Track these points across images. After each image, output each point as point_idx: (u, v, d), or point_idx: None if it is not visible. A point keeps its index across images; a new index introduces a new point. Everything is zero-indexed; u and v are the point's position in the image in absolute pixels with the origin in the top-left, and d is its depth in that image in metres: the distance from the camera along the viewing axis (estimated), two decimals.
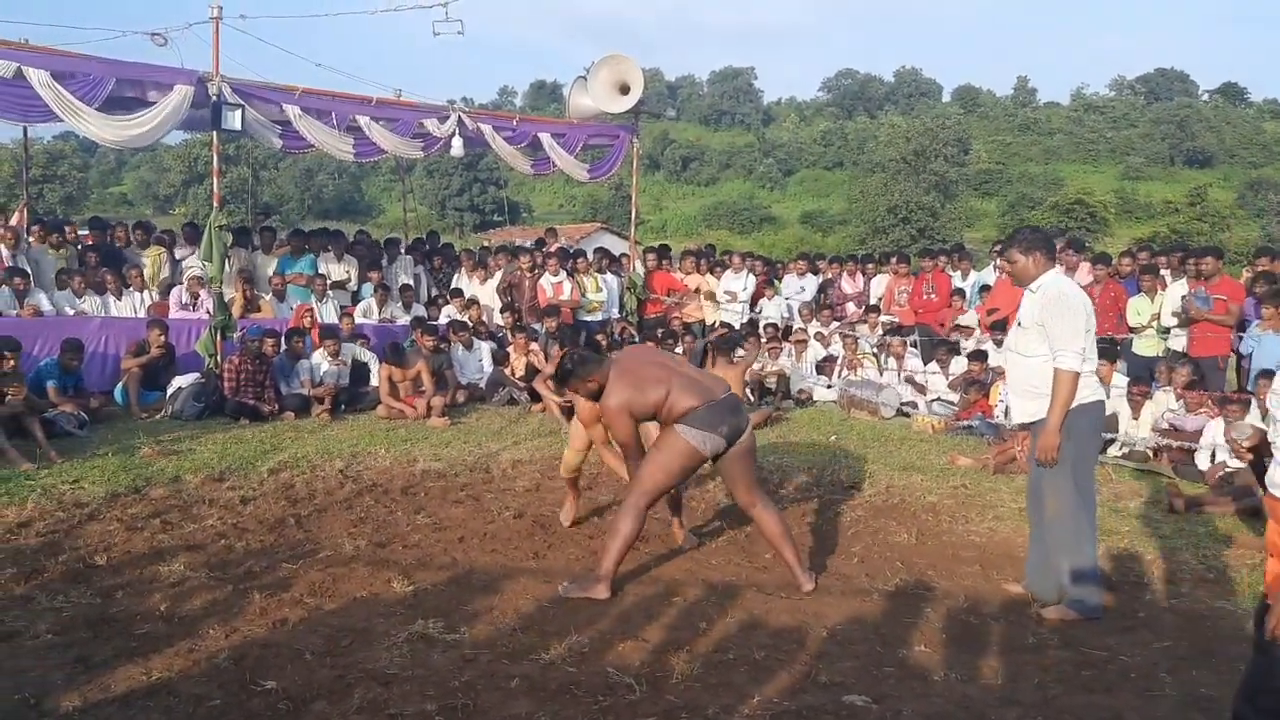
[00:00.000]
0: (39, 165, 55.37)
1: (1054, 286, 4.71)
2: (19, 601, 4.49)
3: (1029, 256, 4.80)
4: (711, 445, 4.83)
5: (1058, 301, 4.62)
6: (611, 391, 4.88)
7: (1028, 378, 4.77)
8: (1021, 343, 4.82)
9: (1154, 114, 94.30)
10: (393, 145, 11.32)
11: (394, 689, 3.71)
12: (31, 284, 10.31)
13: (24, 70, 8.78)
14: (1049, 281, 4.75)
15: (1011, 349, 4.96)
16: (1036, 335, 4.69)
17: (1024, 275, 4.85)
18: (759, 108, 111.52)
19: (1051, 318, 4.60)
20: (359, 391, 10.37)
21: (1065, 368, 4.55)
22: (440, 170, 67.69)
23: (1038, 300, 4.73)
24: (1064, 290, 4.69)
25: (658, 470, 4.85)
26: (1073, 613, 4.61)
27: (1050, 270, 4.80)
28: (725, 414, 4.89)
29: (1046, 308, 4.64)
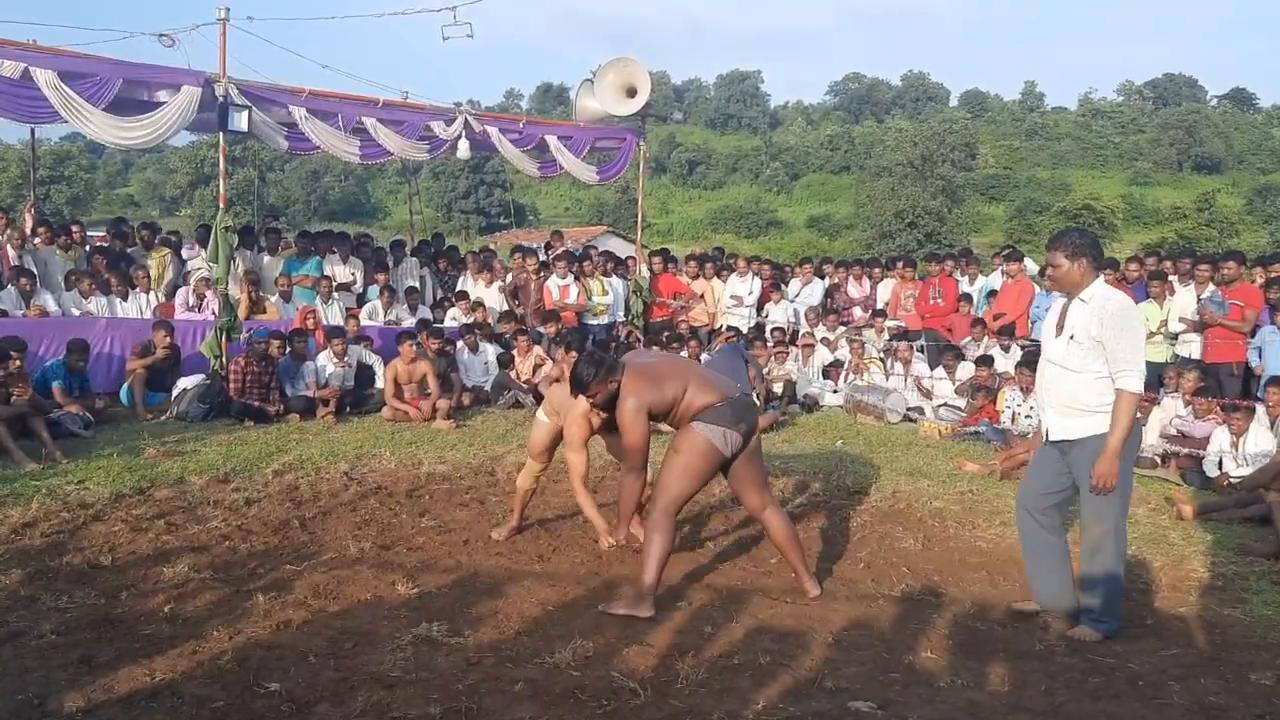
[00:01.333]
0: (46, 166, 55.55)
1: (1115, 300, 4.40)
2: (23, 601, 4.49)
3: (1074, 262, 4.47)
4: (731, 444, 4.74)
5: (1121, 317, 4.32)
6: (628, 393, 4.76)
7: (1075, 394, 4.43)
8: (1072, 357, 4.44)
9: (1162, 119, 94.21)
10: (399, 147, 11.32)
11: (398, 692, 3.70)
12: (38, 284, 10.33)
13: (31, 71, 8.79)
14: (1106, 293, 4.44)
15: (1055, 362, 4.56)
16: (1092, 350, 4.36)
17: (1067, 281, 4.52)
18: (766, 111, 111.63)
19: (1115, 334, 4.29)
20: (364, 394, 10.37)
21: (1130, 389, 4.27)
22: (446, 173, 67.86)
23: (1093, 313, 4.37)
24: (1126, 305, 4.42)
25: (680, 475, 4.71)
26: (1098, 633, 4.44)
27: (1098, 279, 4.49)
28: (744, 411, 4.86)
29: (1108, 323, 4.31)
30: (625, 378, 4.82)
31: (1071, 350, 4.44)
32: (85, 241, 12.14)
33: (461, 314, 12.28)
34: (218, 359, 9.78)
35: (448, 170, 66.74)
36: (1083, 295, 4.45)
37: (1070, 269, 4.47)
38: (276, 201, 63.83)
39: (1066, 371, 4.46)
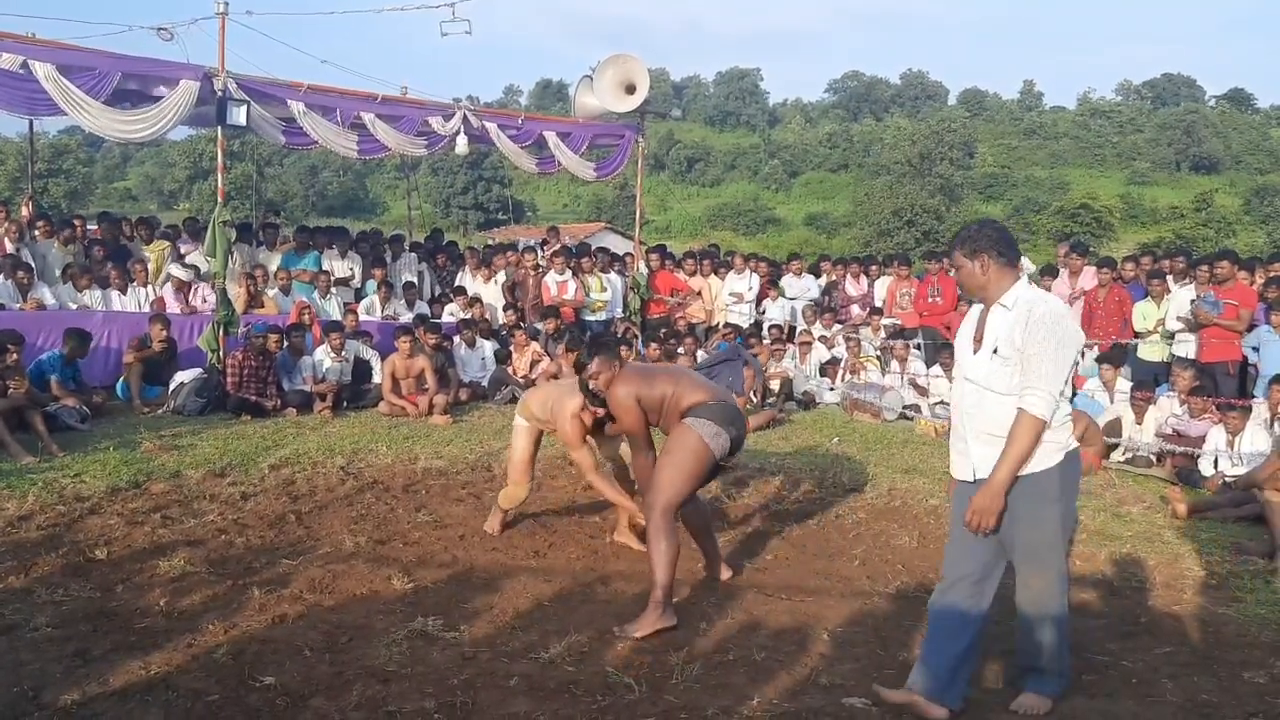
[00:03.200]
0: (44, 159, 55.45)
1: (1045, 305, 3.59)
2: (19, 594, 4.49)
3: (974, 260, 3.68)
4: (720, 446, 4.73)
5: (1051, 327, 3.51)
6: (619, 385, 4.83)
7: (1002, 421, 3.59)
8: (997, 375, 3.62)
9: (1160, 119, 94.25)
10: (397, 143, 11.31)
11: (393, 686, 3.71)
12: (35, 278, 10.32)
13: (30, 63, 8.80)
14: (1033, 297, 3.63)
15: (976, 382, 3.70)
16: (1018, 365, 3.57)
17: (972, 284, 3.75)
18: (765, 109, 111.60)
19: (1039, 345, 3.49)
20: (361, 389, 10.37)
21: (1035, 413, 3.47)
22: (445, 168, 67.77)
23: (1017, 320, 3.57)
24: (1060, 314, 3.59)
25: (673, 474, 4.66)
26: (1050, 698, 3.73)
27: (1020, 280, 3.68)
28: (735, 416, 4.87)
29: (1034, 331, 3.51)
30: (617, 377, 4.88)
31: (995, 367, 3.64)
32: (85, 236, 12.12)
33: (459, 309, 12.27)
34: (215, 353, 9.78)
35: (446, 166, 66.65)
36: (1004, 300, 3.66)
37: (971, 269, 3.70)
38: (275, 196, 63.69)
39: (990, 394, 3.64)
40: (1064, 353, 3.51)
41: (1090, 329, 10.47)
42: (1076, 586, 5.20)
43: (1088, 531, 6.29)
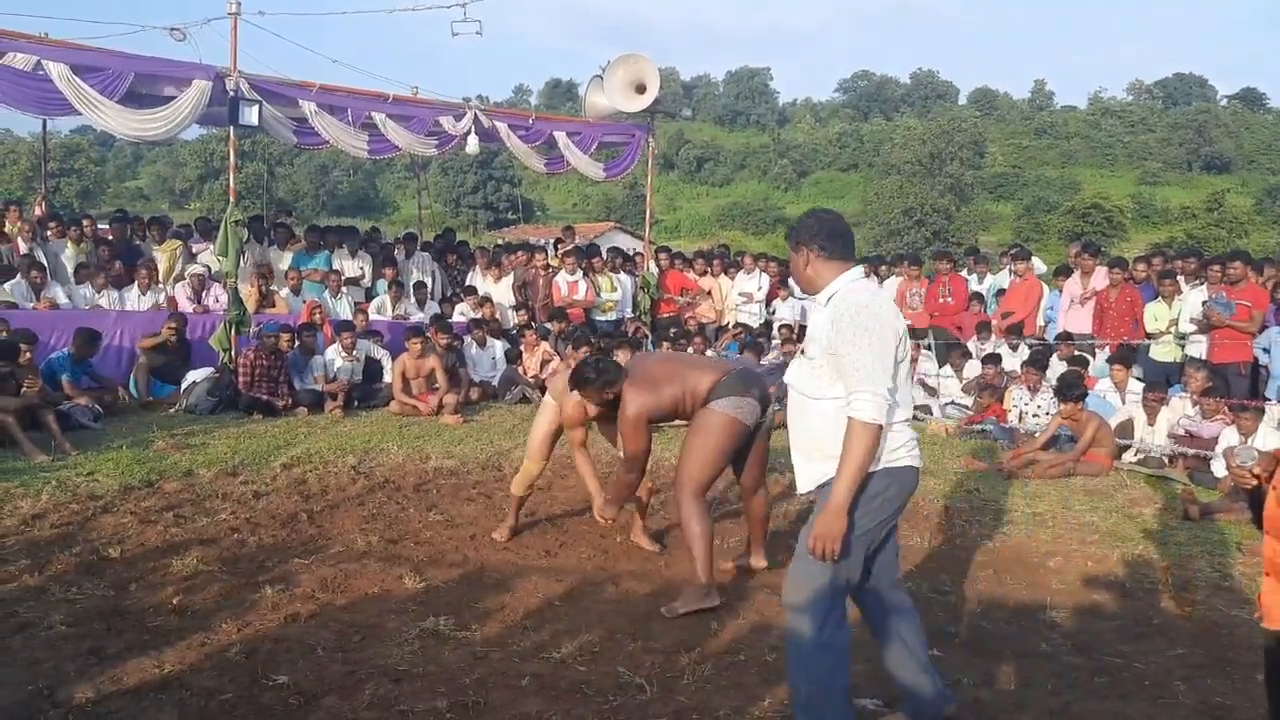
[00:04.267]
0: (56, 159, 55.75)
1: (849, 298, 3.20)
2: (33, 593, 4.51)
3: (798, 252, 3.35)
4: (749, 412, 4.77)
5: (854, 319, 3.11)
6: (628, 401, 4.83)
7: (815, 430, 3.26)
8: (804, 379, 3.32)
9: (1172, 119, 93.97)
10: (407, 142, 11.34)
11: (405, 685, 3.72)
12: (48, 277, 10.37)
13: (44, 63, 8.85)
14: (846, 290, 3.25)
15: (794, 387, 3.38)
16: (829, 368, 3.19)
17: (798, 279, 3.46)
18: (774, 108, 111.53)
19: (846, 342, 3.10)
20: (372, 388, 10.40)
21: (864, 418, 3.05)
22: (455, 168, 67.88)
23: (826, 318, 3.22)
24: (863, 304, 3.17)
25: (700, 458, 4.72)
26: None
27: (845, 272, 3.29)
28: (750, 380, 4.89)
29: (840, 328, 3.13)
30: (625, 387, 4.88)
31: (804, 370, 3.32)
32: (96, 235, 12.18)
33: (470, 309, 12.29)
34: (227, 352, 9.81)
35: (456, 166, 66.77)
36: (820, 296, 3.34)
37: (796, 262, 3.39)
38: (285, 195, 63.92)
39: (806, 400, 3.31)
40: (875, 344, 3.09)
41: (1101, 329, 10.44)
42: (1089, 588, 5.20)
43: (1099, 532, 6.27)
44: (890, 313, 3.20)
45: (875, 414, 3.06)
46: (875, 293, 3.32)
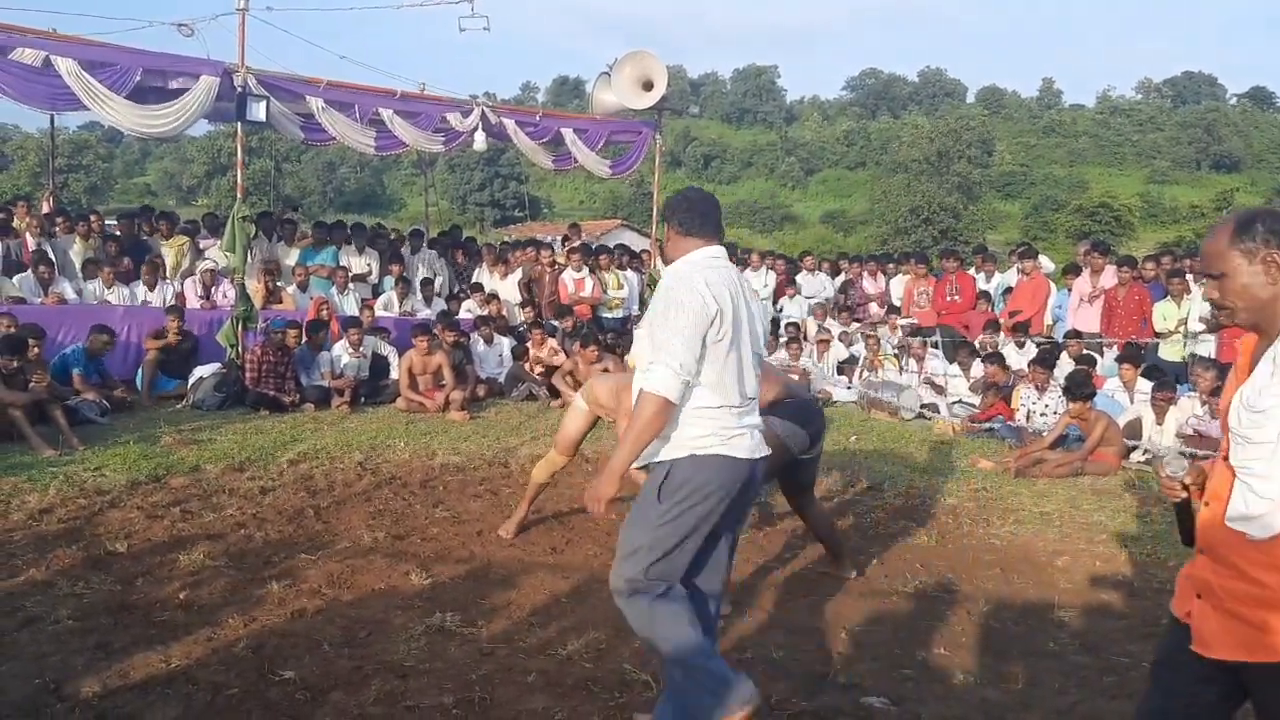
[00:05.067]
0: (64, 155, 55.87)
1: (675, 270, 3.21)
2: (40, 587, 4.52)
3: (666, 227, 3.32)
4: (798, 443, 4.77)
5: (664, 293, 3.12)
6: None
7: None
8: (641, 352, 3.42)
9: (1181, 118, 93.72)
10: (414, 139, 11.33)
11: (411, 681, 3.71)
12: (56, 272, 10.39)
13: (53, 59, 8.86)
14: (675, 267, 3.23)
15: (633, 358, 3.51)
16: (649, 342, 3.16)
17: (663, 255, 3.45)
18: (782, 106, 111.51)
19: (658, 316, 3.09)
20: (379, 384, 10.40)
21: (650, 389, 2.99)
22: (462, 165, 68.00)
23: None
24: (676, 273, 3.17)
25: None
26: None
27: (697, 250, 3.21)
28: (813, 414, 4.89)
29: (656, 301, 3.17)
30: None
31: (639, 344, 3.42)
32: (103, 230, 12.20)
33: (476, 306, 12.30)
34: (234, 348, 9.83)
35: (463, 163, 66.87)
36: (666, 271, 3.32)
37: (665, 237, 3.36)
38: (292, 192, 64.07)
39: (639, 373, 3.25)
40: (682, 319, 3.00)
41: (1110, 328, 10.42)
42: (1097, 587, 5.18)
43: (1107, 532, 6.25)
44: (713, 293, 3.04)
45: (662, 387, 2.98)
46: (710, 269, 3.14)
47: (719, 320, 3.03)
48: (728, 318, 3.04)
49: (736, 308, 3.09)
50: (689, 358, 2.99)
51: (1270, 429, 2.19)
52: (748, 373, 3.15)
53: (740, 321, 3.10)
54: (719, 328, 3.03)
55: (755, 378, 3.20)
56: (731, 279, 3.17)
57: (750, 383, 3.17)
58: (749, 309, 3.18)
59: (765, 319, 3.19)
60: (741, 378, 3.13)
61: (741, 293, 3.17)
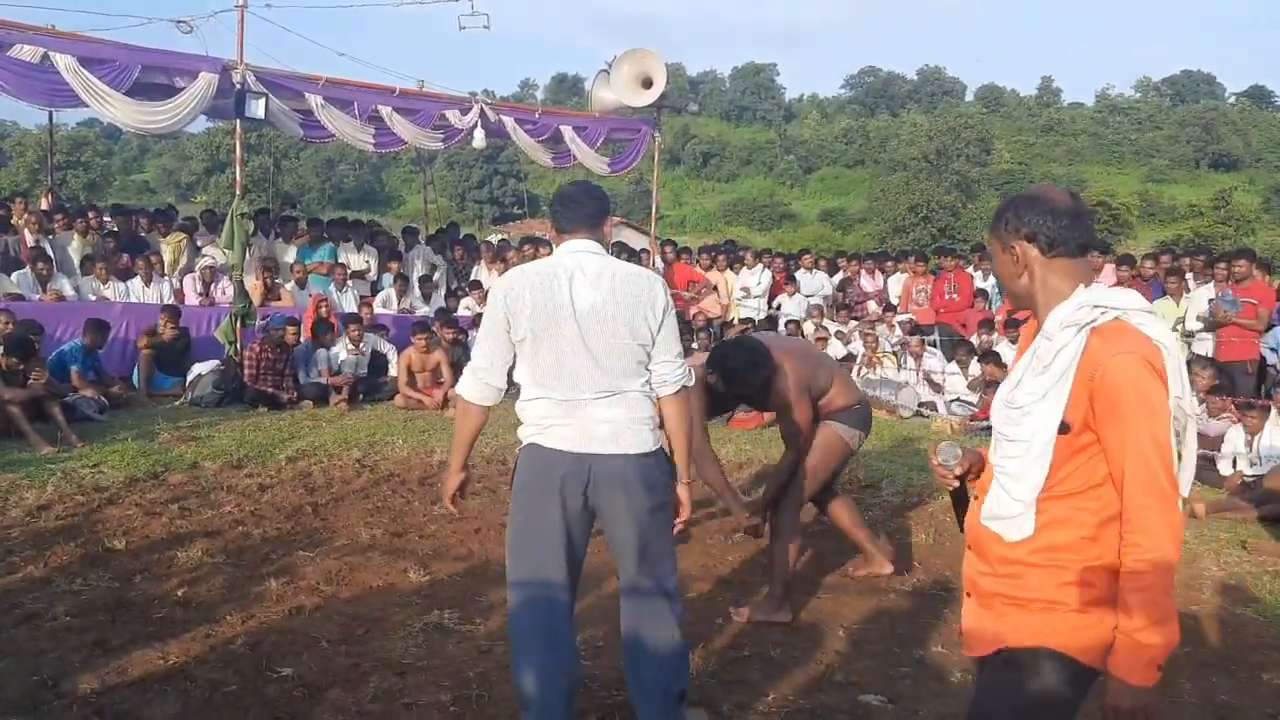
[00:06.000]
0: (62, 151, 55.74)
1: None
2: (38, 584, 4.52)
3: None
4: (856, 443, 4.81)
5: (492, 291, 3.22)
6: (788, 371, 4.43)
7: None
8: None
9: (1179, 116, 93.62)
10: (413, 136, 11.33)
11: (409, 678, 3.72)
12: (54, 269, 10.38)
13: (51, 55, 8.84)
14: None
15: None
16: None
17: None
18: (780, 104, 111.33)
19: None
20: (377, 381, 10.40)
21: (459, 389, 3.25)
22: (461, 162, 67.95)
23: None
24: (504, 275, 3.28)
25: (814, 474, 4.67)
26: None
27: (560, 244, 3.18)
28: (869, 419, 4.92)
29: None
30: (777, 357, 4.46)
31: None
32: (102, 227, 12.19)
33: (475, 303, 12.29)
34: (232, 345, 9.82)
35: (462, 160, 66.84)
36: None
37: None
38: (291, 189, 64.02)
39: None
40: (486, 318, 3.14)
41: None
42: None
43: None
44: (512, 295, 3.01)
45: (461, 387, 3.19)
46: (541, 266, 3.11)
47: (513, 320, 3.01)
48: (524, 316, 2.98)
49: (553, 303, 2.98)
50: (482, 360, 3.12)
51: (1025, 427, 2.09)
52: (574, 365, 3.00)
53: (559, 317, 2.97)
54: (518, 326, 3.01)
55: (598, 369, 3.00)
56: (556, 272, 3.03)
57: (583, 375, 3.00)
58: (594, 301, 2.99)
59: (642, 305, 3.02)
60: (562, 371, 3.00)
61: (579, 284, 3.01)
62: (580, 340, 2.99)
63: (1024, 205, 2.14)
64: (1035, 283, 2.13)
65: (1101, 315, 2.02)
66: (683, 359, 3.17)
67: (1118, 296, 2.05)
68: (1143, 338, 1.99)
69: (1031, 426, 2.06)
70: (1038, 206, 2.11)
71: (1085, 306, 2.03)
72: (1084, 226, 2.10)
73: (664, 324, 3.08)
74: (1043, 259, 2.11)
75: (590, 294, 3.00)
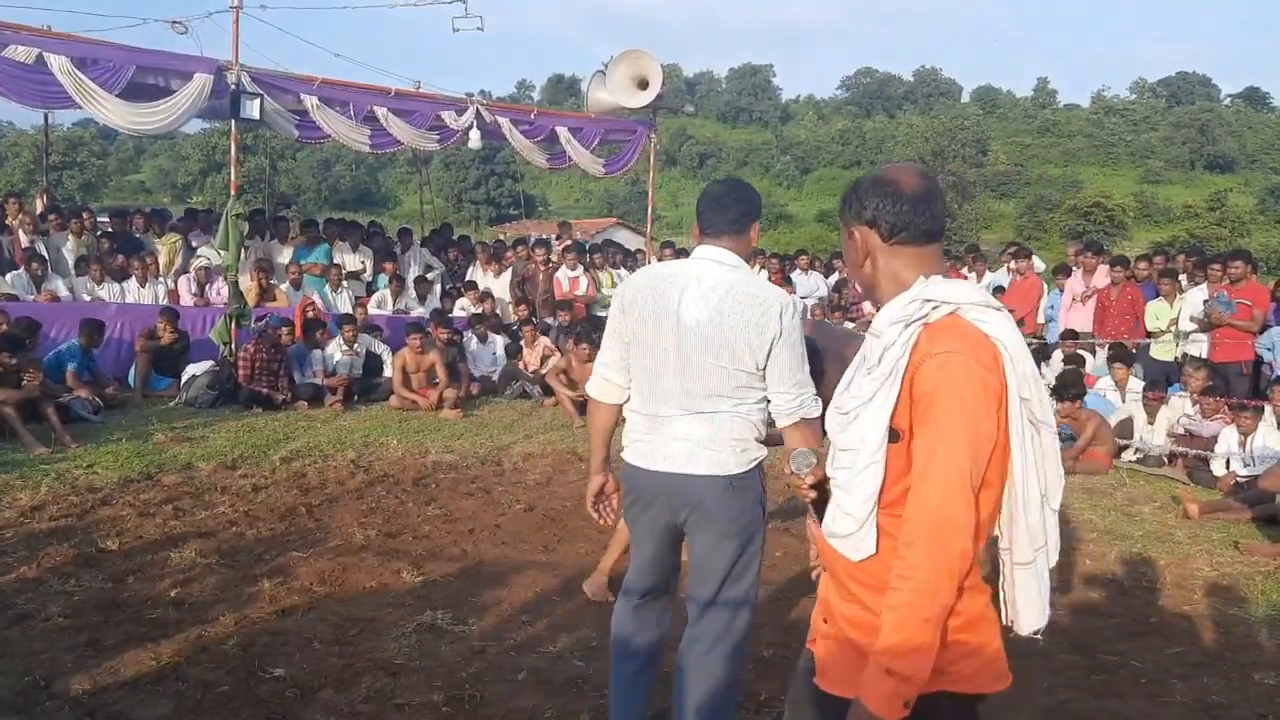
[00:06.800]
0: (58, 152, 55.75)
1: None
2: (31, 584, 4.52)
3: None
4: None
5: None
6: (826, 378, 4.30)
7: None
8: None
9: (1175, 118, 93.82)
10: (409, 137, 11.33)
11: (401, 679, 3.72)
12: (49, 269, 10.37)
13: (45, 56, 8.83)
14: None
15: None
16: None
17: None
18: (777, 105, 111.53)
19: None
20: (372, 382, 10.40)
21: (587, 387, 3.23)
22: (457, 163, 67.92)
23: None
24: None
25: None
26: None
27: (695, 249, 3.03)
28: None
29: None
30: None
31: None
32: (96, 228, 12.18)
33: (470, 304, 12.29)
34: (227, 346, 9.81)
35: (458, 160, 66.80)
36: None
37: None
38: (287, 189, 63.93)
39: None
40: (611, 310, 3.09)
41: (1103, 328, 10.44)
42: (1087, 586, 5.21)
43: (1098, 530, 6.27)
44: (628, 294, 2.95)
45: (589, 383, 3.12)
46: (660, 267, 3.09)
47: (625, 319, 2.94)
48: (634, 318, 2.89)
49: (661, 310, 2.84)
50: (604, 354, 3.03)
51: (852, 433, 1.87)
52: (664, 378, 2.86)
53: (663, 327, 2.84)
54: (627, 327, 2.94)
55: (685, 385, 2.84)
56: (675, 278, 2.90)
57: (670, 390, 2.86)
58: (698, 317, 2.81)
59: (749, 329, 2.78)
60: (653, 382, 2.89)
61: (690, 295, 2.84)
62: (676, 354, 2.83)
63: (867, 188, 1.95)
64: (878, 272, 1.94)
65: (934, 310, 1.80)
66: (803, 388, 2.87)
67: (953, 289, 1.83)
68: (977, 335, 1.78)
69: (859, 433, 1.85)
70: (879, 189, 1.92)
71: (916, 301, 1.82)
72: (929, 213, 1.91)
73: (774, 352, 2.80)
74: (884, 246, 1.92)
75: (698, 308, 2.82)
